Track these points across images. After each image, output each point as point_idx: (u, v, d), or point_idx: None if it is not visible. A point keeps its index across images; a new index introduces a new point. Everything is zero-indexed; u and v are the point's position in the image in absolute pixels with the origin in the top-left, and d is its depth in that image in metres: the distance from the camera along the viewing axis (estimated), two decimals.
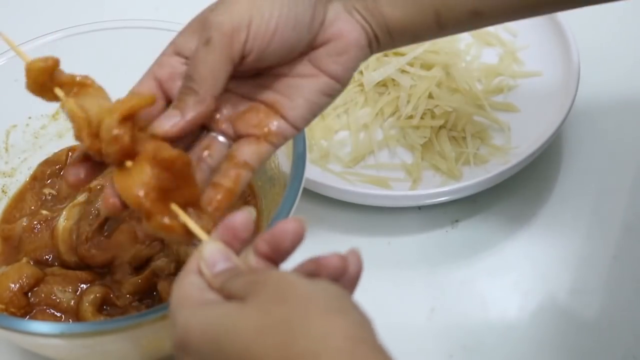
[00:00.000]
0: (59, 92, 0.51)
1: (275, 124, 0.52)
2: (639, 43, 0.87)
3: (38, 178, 0.72)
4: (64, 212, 0.65)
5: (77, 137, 0.49)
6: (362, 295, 0.69)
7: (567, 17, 0.81)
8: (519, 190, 0.75)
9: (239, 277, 0.43)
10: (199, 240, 0.46)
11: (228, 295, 0.43)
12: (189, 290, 0.44)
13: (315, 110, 0.53)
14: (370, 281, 0.70)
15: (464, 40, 0.85)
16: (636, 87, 0.83)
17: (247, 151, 0.51)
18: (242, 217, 0.46)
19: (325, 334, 0.39)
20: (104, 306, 0.61)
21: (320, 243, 0.72)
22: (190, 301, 0.43)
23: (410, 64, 0.79)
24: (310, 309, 0.40)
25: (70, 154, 0.72)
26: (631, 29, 0.88)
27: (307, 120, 0.53)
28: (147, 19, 0.70)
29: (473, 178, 0.71)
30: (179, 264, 0.62)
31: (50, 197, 0.70)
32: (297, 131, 0.53)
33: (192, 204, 0.48)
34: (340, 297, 0.42)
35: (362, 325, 0.42)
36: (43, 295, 0.61)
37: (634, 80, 0.84)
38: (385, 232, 0.73)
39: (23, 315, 0.61)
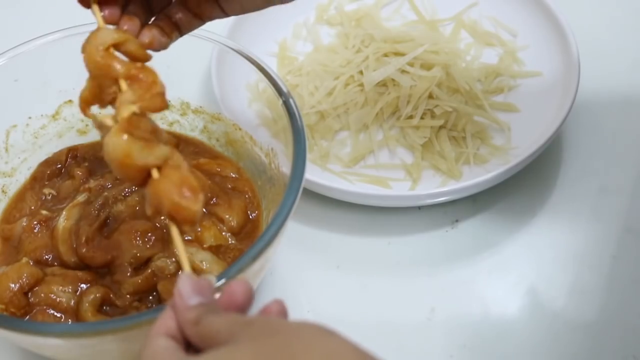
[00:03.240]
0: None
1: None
2: (639, 44, 0.87)
3: (38, 178, 0.72)
4: (64, 212, 0.65)
5: None
6: (363, 295, 0.70)
7: (567, 17, 0.81)
8: (519, 190, 0.75)
9: (216, 313, 0.42)
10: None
11: (206, 336, 0.42)
12: (160, 354, 0.42)
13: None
14: (370, 281, 0.70)
15: (464, 40, 0.85)
16: (636, 87, 0.83)
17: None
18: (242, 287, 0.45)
19: (332, 352, 0.39)
20: (104, 306, 0.61)
21: (321, 243, 0.73)
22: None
23: (410, 64, 0.79)
24: (305, 335, 0.40)
25: (70, 153, 0.73)
26: (631, 29, 0.88)
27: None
28: None
29: (473, 178, 0.71)
30: (179, 264, 0.62)
31: (50, 197, 0.70)
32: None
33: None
34: (324, 327, 0.41)
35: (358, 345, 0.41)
36: (43, 295, 0.61)
37: (634, 80, 0.84)
38: (385, 232, 0.73)
39: (23, 315, 0.61)
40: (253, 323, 0.41)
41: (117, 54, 0.53)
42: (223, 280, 0.53)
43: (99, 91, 0.52)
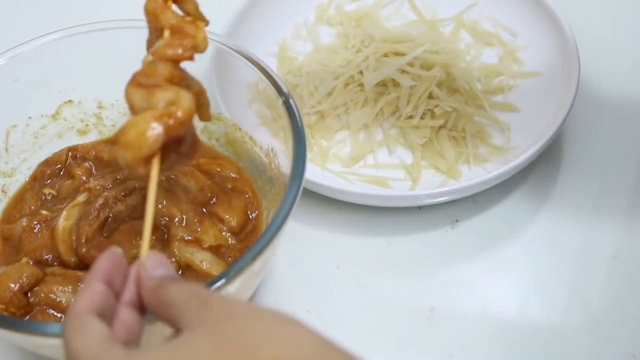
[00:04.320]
0: None
1: None
2: (639, 43, 0.87)
3: (38, 178, 0.72)
4: (64, 212, 0.65)
5: None
6: (363, 295, 0.70)
7: (568, 17, 0.81)
8: (519, 190, 0.75)
9: (177, 282, 0.41)
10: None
11: (164, 303, 0.40)
12: (94, 347, 0.39)
13: None
14: (370, 281, 0.70)
15: (464, 40, 0.85)
16: (636, 87, 0.83)
17: None
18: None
19: (295, 339, 0.38)
20: None
21: (321, 243, 0.73)
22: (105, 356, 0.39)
23: (410, 64, 0.79)
24: (266, 321, 0.38)
25: (70, 153, 0.73)
26: (632, 29, 0.88)
27: None
28: None
29: (473, 178, 0.71)
30: (179, 264, 0.62)
31: (50, 197, 0.70)
32: None
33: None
34: (284, 314, 0.40)
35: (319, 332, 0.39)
36: (43, 295, 0.61)
37: (634, 80, 0.84)
38: (385, 232, 0.73)
39: (23, 315, 0.61)
40: (211, 306, 0.39)
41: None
42: (223, 281, 0.53)
43: (152, 41, 0.56)
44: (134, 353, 0.39)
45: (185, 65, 0.55)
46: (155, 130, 0.48)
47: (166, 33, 0.55)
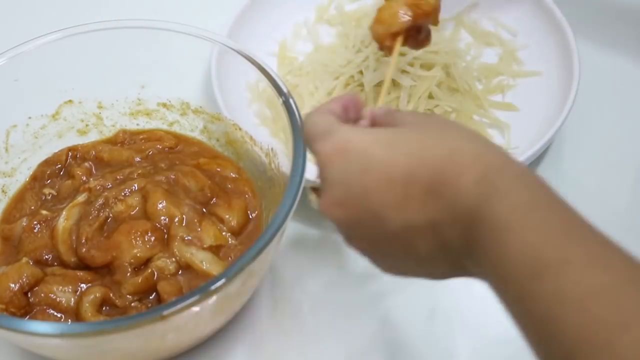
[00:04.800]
0: None
1: None
2: (639, 43, 0.87)
3: (38, 178, 0.72)
4: (64, 212, 0.65)
5: None
6: (363, 295, 0.70)
7: (567, 17, 0.81)
8: None
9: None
10: None
11: (392, 116, 0.51)
12: (328, 119, 0.51)
13: None
14: (370, 281, 0.70)
15: (464, 40, 0.85)
16: (637, 87, 0.83)
17: None
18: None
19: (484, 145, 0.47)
20: (104, 306, 0.61)
21: (321, 243, 0.73)
22: (338, 124, 0.51)
23: (410, 64, 0.79)
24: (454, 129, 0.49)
25: (70, 153, 0.73)
26: (632, 28, 0.88)
27: None
28: (147, 19, 0.70)
29: None
30: (179, 264, 0.62)
31: (50, 197, 0.70)
32: None
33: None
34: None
35: None
36: (43, 295, 0.61)
37: (634, 80, 0.84)
38: None
39: (23, 315, 0.61)
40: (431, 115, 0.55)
41: None
42: (223, 280, 0.53)
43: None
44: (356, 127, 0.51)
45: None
46: (406, 13, 0.65)
47: None
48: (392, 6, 0.66)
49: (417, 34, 0.66)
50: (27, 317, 0.61)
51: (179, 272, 0.62)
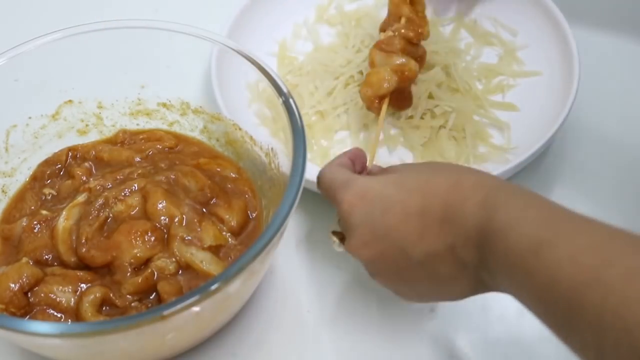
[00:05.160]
0: None
1: None
2: (639, 43, 0.87)
3: (38, 178, 0.72)
4: (64, 212, 0.65)
5: None
6: (363, 295, 0.70)
7: (567, 17, 0.81)
8: None
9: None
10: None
11: (384, 171, 0.60)
12: (344, 171, 0.60)
13: None
14: (370, 281, 0.70)
15: (464, 40, 0.85)
16: (636, 87, 0.83)
17: None
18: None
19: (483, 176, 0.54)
20: (104, 306, 0.61)
21: (321, 243, 0.72)
22: (354, 175, 0.59)
23: None
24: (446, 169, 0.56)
25: (70, 153, 0.73)
26: (632, 28, 0.88)
27: None
28: (147, 19, 0.70)
29: None
30: (179, 264, 0.62)
31: (50, 197, 0.70)
32: None
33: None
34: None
35: None
36: (43, 295, 0.61)
37: (634, 79, 0.84)
38: None
39: (23, 315, 0.61)
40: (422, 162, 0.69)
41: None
42: (223, 281, 0.53)
43: (389, 23, 0.76)
44: (360, 176, 0.59)
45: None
46: (391, 78, 0.71)
47: (403, 20, 0.75)
48: (380, 72, 0.72)
49: (400, 95, 0.73)
50: (27, 317, 0.61)
51: (179, 272, 0.62)
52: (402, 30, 0.74)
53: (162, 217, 0.64)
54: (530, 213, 0.48)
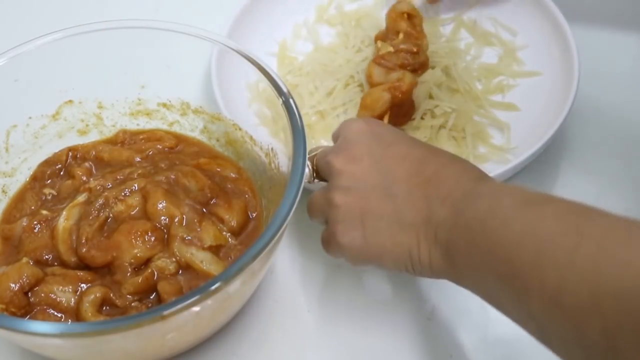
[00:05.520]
0: None
1: None
2: (639, 42, 0.87)
3: (38, 178, 0.72)
4: (64, 212, 0.65)
5: None
6: (363, 295, 0.70)
7: (567, 17, 0.81)
8: None
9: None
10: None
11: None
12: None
13: None
14: (370, 281, 0.70)
15: (464, 40, 0.85)
16: (636, 87, 0.83)
17: None
18: None
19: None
20: (104, 306, 0.61)
21: (321, 243, 0.72)
22: None
23: None
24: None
25: (70, 153, 0.73)
26: (632, 28, 0.88)
27: None
28: (147, 19, 0.70)
29: None
30: (179, 264, 0.62)
31: (50, 197, 0.70)
32: None
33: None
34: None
35: None
36: (43, 295, 0.61)
37: (634, 79, 0.84)
38: None
39: (23, 315, 0.61)
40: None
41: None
42: (223, 281, 0.53)
43: (387, 36, 0.79)
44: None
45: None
46: (385, 97, 0.72)
47: (401, 35, 0.77)
48: (373, 92, 0.73)
49: (400, 110, 0.75)
50: (27, 317, 0.61)
51: (179, 272, 0.62)
52: (401, 46, 0.76)
53: (162, 217, 0.64)
54: (504, 189, 0.53)
